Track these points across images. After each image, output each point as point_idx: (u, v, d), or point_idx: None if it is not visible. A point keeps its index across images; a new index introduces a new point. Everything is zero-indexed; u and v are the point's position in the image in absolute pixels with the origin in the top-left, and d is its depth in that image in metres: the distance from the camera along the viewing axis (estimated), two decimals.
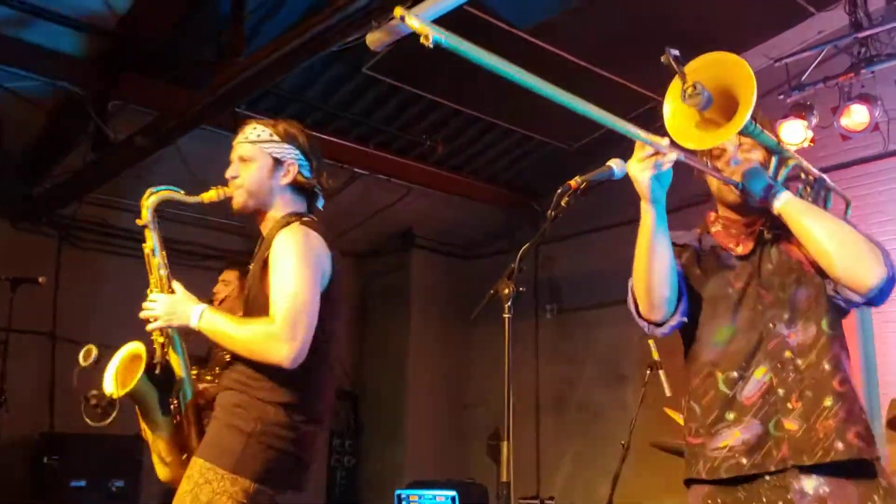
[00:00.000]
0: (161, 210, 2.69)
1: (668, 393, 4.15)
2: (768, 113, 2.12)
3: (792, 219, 1.98)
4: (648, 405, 4.39)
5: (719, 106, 1.85)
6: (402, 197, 7.50)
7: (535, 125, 6.87)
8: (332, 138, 6.63)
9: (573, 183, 2.18)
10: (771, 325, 2.01)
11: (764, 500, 1.92)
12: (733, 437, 1.97)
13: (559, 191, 2.18)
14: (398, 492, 6.61)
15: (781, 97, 5.76)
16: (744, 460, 1.95)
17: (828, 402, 1.92)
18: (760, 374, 1.98)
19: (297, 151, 2.52)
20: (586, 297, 7.80)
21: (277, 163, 2.49)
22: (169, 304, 2.43)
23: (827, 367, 1.96)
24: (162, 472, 2.55)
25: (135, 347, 2.52)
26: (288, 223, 2.41)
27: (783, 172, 2.08)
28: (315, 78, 5.95)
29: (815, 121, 5.57)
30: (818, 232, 1.94)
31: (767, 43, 5.95)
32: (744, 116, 1.78)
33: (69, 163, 6.05)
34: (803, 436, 1.91)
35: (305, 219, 2.45)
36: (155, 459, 2.54)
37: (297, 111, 6.36)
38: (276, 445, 2.28)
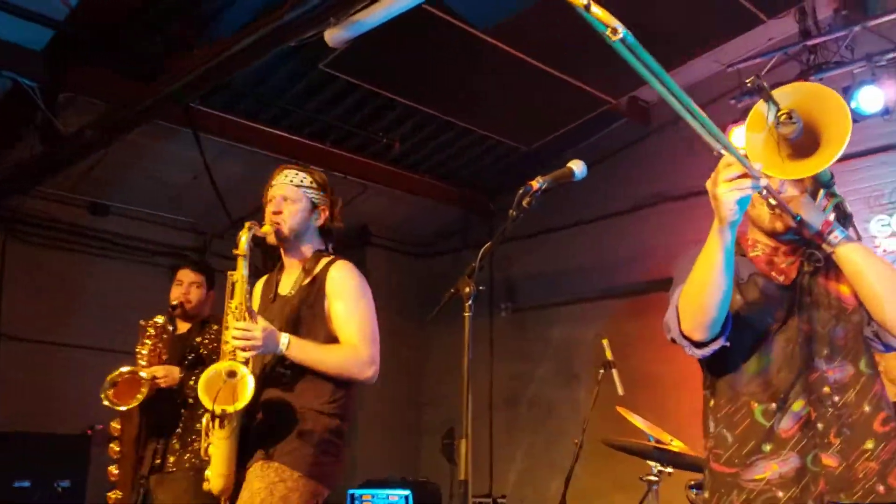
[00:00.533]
0: (97, 202, 2.73)
1: (620, 392, 4.20)
2: (720, 118, 2.12)
3: (846, 258, 1.95)
4: (601, 404, 4.43)
5: (807, 138, 1.81)
6: (358, 194, 7.47)
7: (491, 125, 6.90)
8: (286, 134, 6.58)
9: (534, 183, 2.18)
10: (810, 358, 1.99)
11: None
12: (771, 469, 1.95)
13: (521, 191, 2.17)
14: (351, 491, 6.58)
15: (733, 102, 5.88)
16: (780, 493, 1.93)
17: (870, 444, 1.92)
18: (798, 408, 1.97)
19: (327, 199, 2.99)
20: (541, 297, 7.86)
21: (314, 206, 2.94)
22: (264, 333, 2.65)
23: (867, 408, 1.95)
24: (219, 485, 2.70)
25: (230, 367, 2.68)
26: (333, 260, 2.90)
27: (829, 207, 2.05)
28: (270, 73, 5.89)
29: None
30: (871, 274, 1.93)
31: (720, 49, 6.06)
32: (837, 151, 1.75)
33: (16, 155, 5.89)
34: (842, 473, 1.90)
35: (342, 258, 2.93)
36: (213, 473, 2.70)
37: (252, 106, 6.29)
38: (333, 451, 2.73)
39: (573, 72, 5.99)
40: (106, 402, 3.72)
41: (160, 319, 3.99)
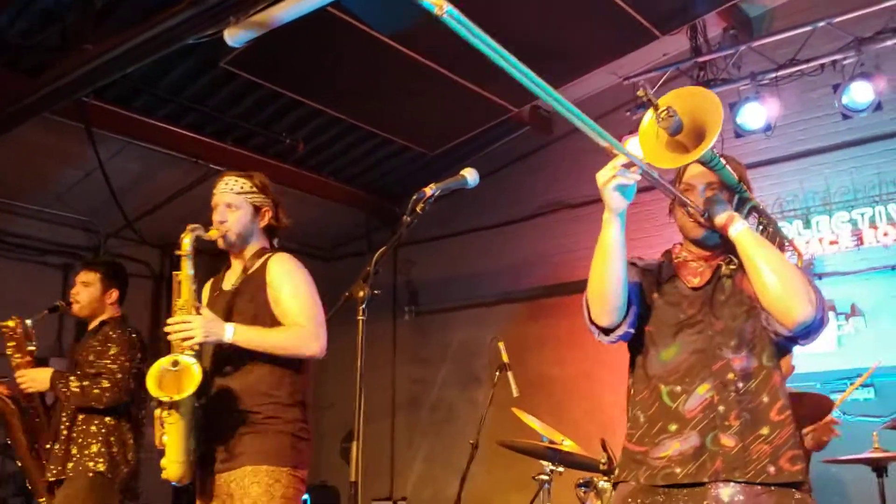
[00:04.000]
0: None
1: (515, 393, 4.29)
2: (615, 128, 2.23)
3: (743, 246, 2.09)
4: (497, 405, 4.52)
5: (689, 134, 1.99)
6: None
7: (396, 129, 6.93)
8: (186, 132, 6.43)
9: (427, 190, 2.24)
10: (718, 349, 2.13)
11: None
12: (673, 447, 2.09)
13: (414, 197, 2.23)
14: None
15: (628, 114, 6.10)
16: (678, 469, 2.06)
17: (765, 430, 2.06)
18: (703, 391, 2.10)
19: (270, 200, 3.16)
20: (442, 300, 7.95)
21: (256, 210, 3.12)
22: (204, 323, 2.81)
23: (766, 399, 2.08)
24: (175, 472, 2.81)
25: (174, 358, 2.77)
26: (272, 253, 3.10)
27: (743, 212, 2.20)
28: (169, 69, 5.75)
29: None
30: (762, 262, 2.06)
31: (616, 62, 6.27)
32: (711, 138, 1.94)
33: None
34: (738, 453, 2.03)
35: (281, 251, 3.14)
36: (169, 461, 2.81)
37: (149, 102, 6.13)
38: (305, 436, 2.93)
39: (476, 79, 6.09)
40: None
41: (11, 322, 3.92)
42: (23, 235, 7.04)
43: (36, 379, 3.71)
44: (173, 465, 2.81)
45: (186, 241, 2.94)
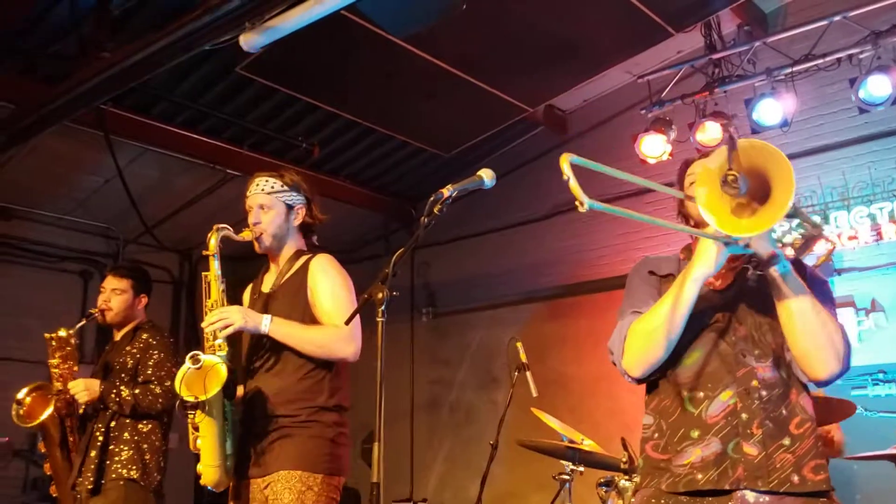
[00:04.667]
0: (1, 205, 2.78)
1: (534, 394, 4.29)
2: (630, 127, 2.20)
3: (779, 289, 2.02)
4: (517, 405, 4.53)
5: (758, 192, 1.89)
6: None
7: (412, 131, 6.95)
8: (203, 138, 6.48)
9: (445, 191, 2.24)
10: (742, 355, 2.09)
11: None
12: (695, 454, 2.07)
13: (431, 198, 2.23)
14: None
15: (643, 112, 6.09)
16: (699, 476, 2.05)
17: (786, 441, 2.04)
18: (726, 397, 2.08)
19: (302, 197, 3.12)
20: (460, 301, 7.95)
21: (289, 208, 3.07)
22: (242, 311, 2.84)
23: (784, 412, 2.06)
24: (211, 476, 2.82)
25: (194, 354, 2.76)
26: (314, 253, 3.07)
27: (791, 236, 2.13)
28: (186, 75, 5.80)
29: (673, 135, 5.92)
30: (796, 312, 2.00)
31: (631, 60, 6.26)
32: (783, 209, 1.82)
33: None
34: (761, 462, 2.01)
35: (322, 252, 3.09)
36: (204, 465, 2.81)
37: (167, 108, 6.19)
38: (343, 441, 2.91)
39: (491, 80, 6.09)
40: (15, 418, 3.72)
41: (63, 332, 3.95)
42: (43, 242, 7.13)
43: (89, 389, 3.74)
44: (209, 470, 2.81)
45: (213, 241, 2.94)
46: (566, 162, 1.80)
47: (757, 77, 5.67)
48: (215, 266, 2.94)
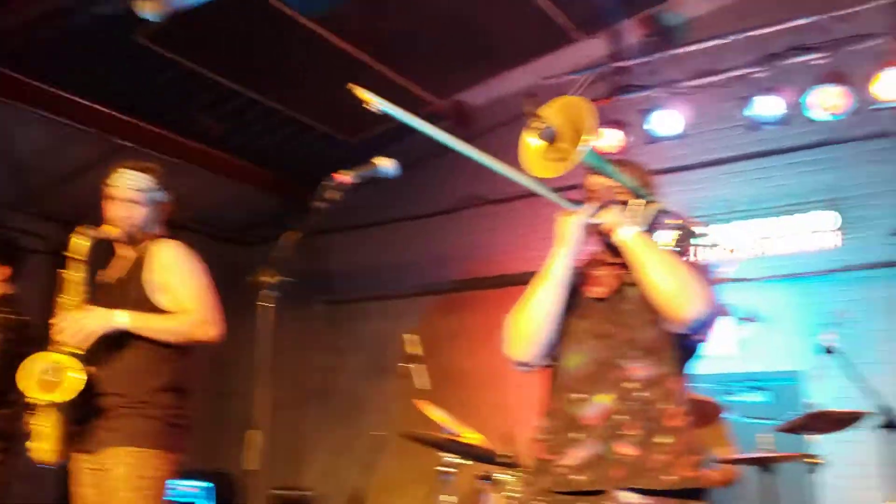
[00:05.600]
0: None
1: (419, 386, 4.29)
2: None
3: (630, 250, 2.13)
4: (407, 398, 4.51)
5: (572, 142, 2.04)
6: (168, 174, 7.15)
7: (316, 115, 6.84)
8: (96, 106, 6.18)
9: (339, 177, 2.21)
10: (621, 358, 2.15)
11: None
12: (574, 455, 2.11)
13: (324, 183, 2.19)
14: None
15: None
16: (577, 476, 2.09)
17: (665, 439, 2.08)
18: (603, 400, 2.12)
19: (168, 194, 3.19)
20: (357, 290, 7.89)
21: (156, 205, 3.14)
22: (98, 318, 2.85)
23: (666, 406, 2.11)
24: (45, 453, 2.81)
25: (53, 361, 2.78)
26: (157, 240, 3.08)
27: (649, 216, 2.24)
28: (81, 40, 5.51)
29: None
30: (649, 264, 2.10)
31: (541, 61, 6.34)
32: (583, 142, 1.99)
33: None
34: (637, 461, 2.06)
35: (169, 239, 3.13)
36: (37, 442, 2.80)
37: (59, 73, 5.87)
38: (178, 422, 2.91)
39: (399, 69, 6.06)
40: None
41: None
42: None
43: None
44: (43, 447, 2.81)
45: (80, 244, 2.96)
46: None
47: (657, 88, 5.83)
48: (79, 270, 2.94)
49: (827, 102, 5.22)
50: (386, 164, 2.32)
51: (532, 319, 2.18)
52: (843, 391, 3.87)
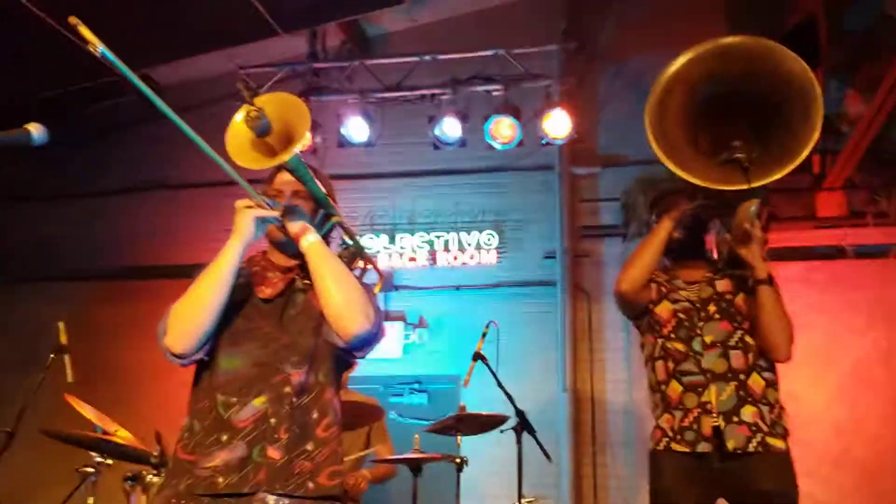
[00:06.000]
0: None
1: (70, 379, 3.94)
2: (223, 116, 2.17)
3: (312, 258, 2.14)
4: (54, 392, 4.10)
5: (279, 138, 2.06)
6: None
7: None
8: None
9: None
10: (280, 363, 2.14)
11: None
12: (220, 458, 2.06)
13: None
14: None
15: (239, 103, 6.01)
16: (220, 479, 2.04)
17: (310, 446, 2.11)
18: (258, 403, 2.10)
19: None
20: (7, 271, 7.05)
21: None
22: None
23: (316, 414, 2.14)
24: None
25: None
26: None
27: (326, 226, 2.28)
28: None
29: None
30: (327, 275, 2.13)
31: (235, 50, 6.17)
32: (296, 146, 2.04)
33: None
34: (283, 466, 2.06)
35: None
36: None
37: None
38: None
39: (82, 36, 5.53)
40: None
41: None
42: None
43: None
44: None
45: None
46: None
47: (351, 95, 5.95)
48: None
49: (499, 132, 5.70)
50: (35, 130, 2.08)
51: (192, 310, 2.11)
52: (490, 396, 4.20)
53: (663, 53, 2.74)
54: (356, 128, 5.83)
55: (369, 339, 2.16)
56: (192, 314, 2.10)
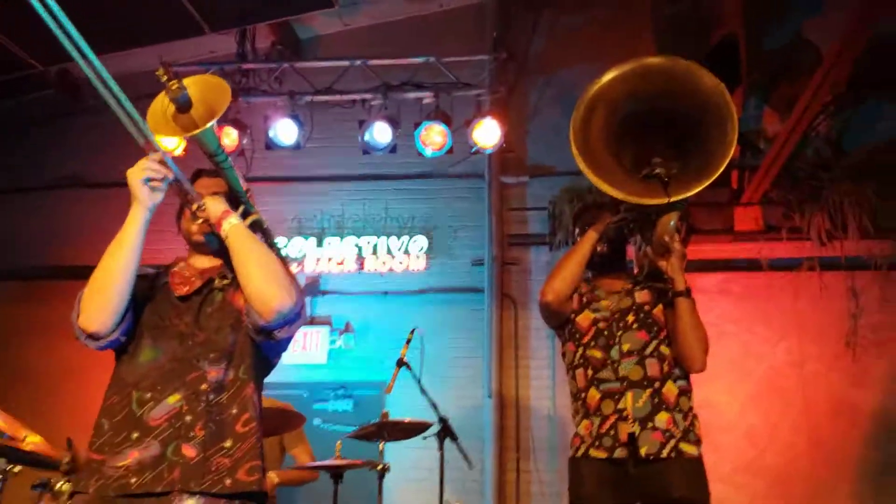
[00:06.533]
0: None
1: None
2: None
3: (234, 239, 2.13)
4: None
5: (201, 117, 2.05)
6: None
7: None
8: None
9: None
10: (196, 360, 2.12)
11: None
12: (132, 457, 2.01)
13: None
14: None
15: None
16: (133, 479, 1.99)
17: (228, 443, 2.07)
18: (173, 400, 2.07)
19: None
20: None
21: None
22: None
23: (235, 410, 2.11)
24: None
25: None
26: None
27: (245, 223, 2.23)
28: None
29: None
30: (248, 253, 2.12)
31: (164, 47, 6.04)
32: (215, 116, 2.05)
33: None
34: (198, 463, 2.02)
35: None
36: None
37: None
38: None
39: (4, 27, 5.36)
40: None
41: None
42: None
43: None
44: None
45: None
46: None
47: (280, 97, 5.88)
48: None
49: (430, 139, 5.71)
50: None
51: (102, 284, 2.06)
52: (415, 402, 4.21)
53: (591, 67, 2.81)
54: (284, 130, 5.75)
55: (291, 318, 2.14)
56: (101, 288, 2.06)
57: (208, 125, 2.02)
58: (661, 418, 2.77)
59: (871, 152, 5.80)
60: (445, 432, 4.02)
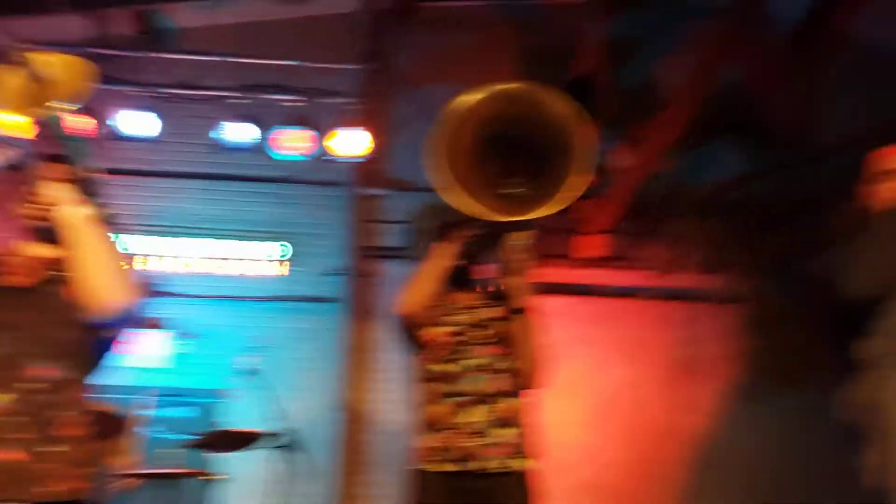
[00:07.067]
0: None
1: None
2: None
3: (70, 231, 2.02)
4: None
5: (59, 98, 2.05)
6: None
7: None
8: None
9: None
10: (25, 356, 2.02)
11: None
12: None
13: None
14: None
15: None
16: None
17: (57, 446, 1.98)
18: (5, 401, 1.98)
19: None
20: None
21: None
22: None
23: (61, 412, 2.02)
24: None
25: None
26: None
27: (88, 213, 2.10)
28: None
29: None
30: (85, 248, 2.01)
31: (12, 22, 5.65)
32: (64, 102, 2.05)
33: None
34: (23, 468, 1.93)
35: None
36: None
37: None
38: None
39: None
40: None
41: None
42: None
43: None
44: None
45: None
46: None
47: (136, 86, 5.64)
48: None
49: (292, 143, 5.63)
50: None
51: None
52: (260, 411, 4.11)
53: (455, 86, 2.85)
54: (138, 121, 5.51)
55: (124, 316, 2.08)
56: None
57: (65, 106, 1.97)
58: (498, 433, 2.84)
59: (715, 190, 6.21)
60: (291, 444, 3.96)
